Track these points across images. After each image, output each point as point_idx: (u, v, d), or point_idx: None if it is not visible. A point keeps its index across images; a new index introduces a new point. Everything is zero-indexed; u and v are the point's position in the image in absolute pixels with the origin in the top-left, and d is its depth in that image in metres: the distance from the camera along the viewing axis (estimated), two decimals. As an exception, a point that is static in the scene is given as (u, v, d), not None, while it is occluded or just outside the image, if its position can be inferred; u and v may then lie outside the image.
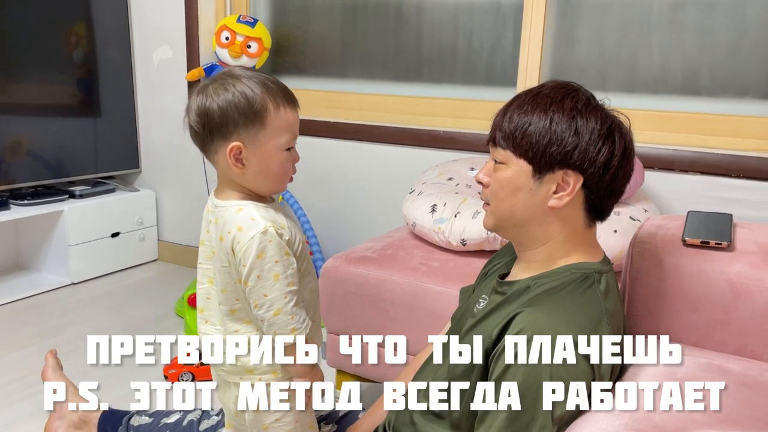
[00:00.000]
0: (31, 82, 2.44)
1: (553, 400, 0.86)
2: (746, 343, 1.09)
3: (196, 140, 1.03)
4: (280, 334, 1.02)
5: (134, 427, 1.41)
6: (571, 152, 0.92)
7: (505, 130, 0.96)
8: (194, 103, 1.00)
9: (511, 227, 1.01)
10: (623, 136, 0.95)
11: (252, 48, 2.47)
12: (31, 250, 2.66)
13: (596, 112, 0.94)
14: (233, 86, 0.98)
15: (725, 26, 1.86)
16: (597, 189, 0.95)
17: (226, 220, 1.02)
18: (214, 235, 1.05)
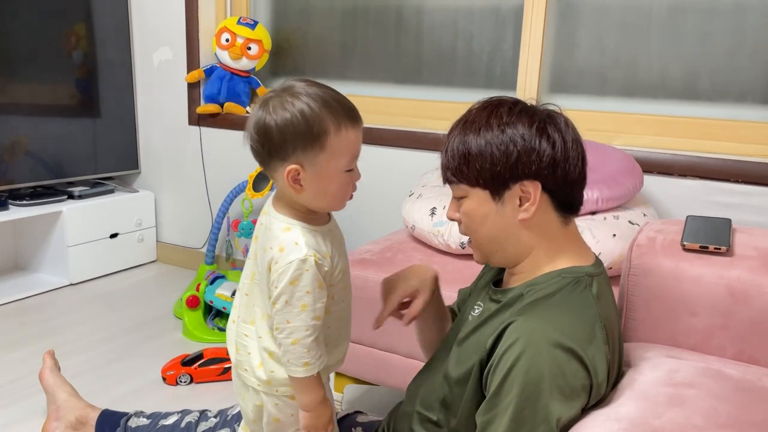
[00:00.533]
0: (30, 82, 2.44)
1: (552, 409, 0.86)
2: (745, 348, 1.10)
3: (256, 157, 1.00)
4: (292, 364, 1.01)
5: (132, 428, 1.41)
6: (515, 164, 0.92)
7: (451, 166, 0.98)
8: (253, 118, 0.97)
9: (494, 252, 1.01)
10: (556, 127, 0.94)
11: (252, 50, 2.48)
12: (29, 250, 2.66)
13: (521, 116, 0.94)
14: (292, 104, 0.93)
15: (724, 31, 1.86)
16: (557, 186, 0.95)
17: (272, 233, 1.00)
18: (261, 241, 1.03)
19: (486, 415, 0.90)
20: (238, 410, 1.35)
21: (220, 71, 2.53)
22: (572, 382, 0.87)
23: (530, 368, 0.86)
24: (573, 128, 0.97)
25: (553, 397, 0.86)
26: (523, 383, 0.86)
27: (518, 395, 0.86)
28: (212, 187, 2.71)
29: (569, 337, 0.88)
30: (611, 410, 0.89)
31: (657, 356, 1.05)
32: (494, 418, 0.88)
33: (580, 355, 0.88)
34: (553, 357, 0.86)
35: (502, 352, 0.89)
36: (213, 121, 2.63)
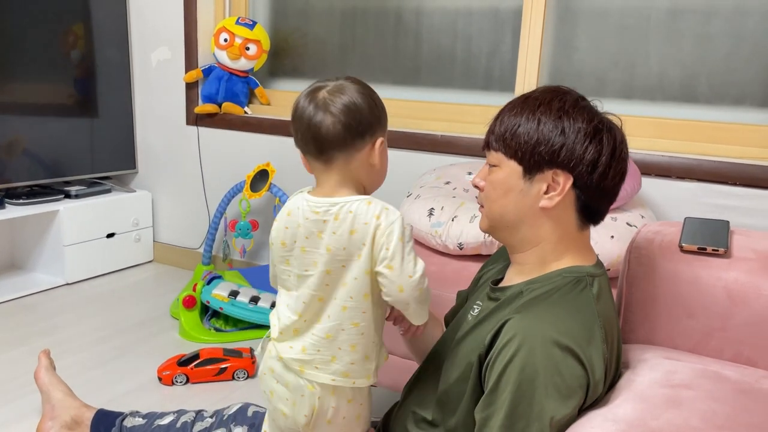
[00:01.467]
0: (28, 81, 2.43)
1: (547, 406, 0.86)
2: (742, 350, 1.09)
3: (343, 139, 1.02)
4: (423, 310, 1.07)
5: (127, 428, 1.40)
6: (558, 151, 0.93)
7: (496, 132, 0.99)
8: (339, 102, 1.01)
9: (504, 229, 1.01)
10: (612, 136, 0.95)
11: (251, 50, 2.48)
12: (25, 249, 2.65)
13: (583, 111, 0.95)
14: (361, 88, 1.04)
15: (723, 34, 1.87)
16: (587, 189, 0.95)
17: (357, 213, 1.02)
18: (338, 233, 1.01)
19: (484, 411, 0.90)
20: (234, 410, 1.35)
21: (218, 71, 2.53)
22: (568, 380, 0.87)
23: (526, 365, 0.86)
24: (625, 145, 0.98)
25: (548, 395, 0.86)
26: (519, 380, 0.86)
27: (514, 391, 0.86)
28: (209, 187, 2.70)
29: (566, 335, 0.88)
30: (609, 411, 0.89)
31: (655, 357, 1.05)
32: (492, 414, 0.89)
33: (577, 352, 0.88)
34: (550, 354, 0.87)
35: (499, 348, 0.89)
36: (211, 121, 2.62)
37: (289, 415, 1.08)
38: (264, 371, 1.11)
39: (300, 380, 1.06)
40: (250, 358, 1.87)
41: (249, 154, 2.57)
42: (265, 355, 1.12)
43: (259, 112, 2.58)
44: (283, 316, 1.08)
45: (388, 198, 2.28)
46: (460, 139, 2.15)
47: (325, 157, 1.04)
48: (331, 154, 1.03)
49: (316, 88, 1.03)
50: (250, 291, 2.21)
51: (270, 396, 1.10)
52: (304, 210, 1.05)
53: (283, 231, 1.07)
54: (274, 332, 1.09)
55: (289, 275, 1.07)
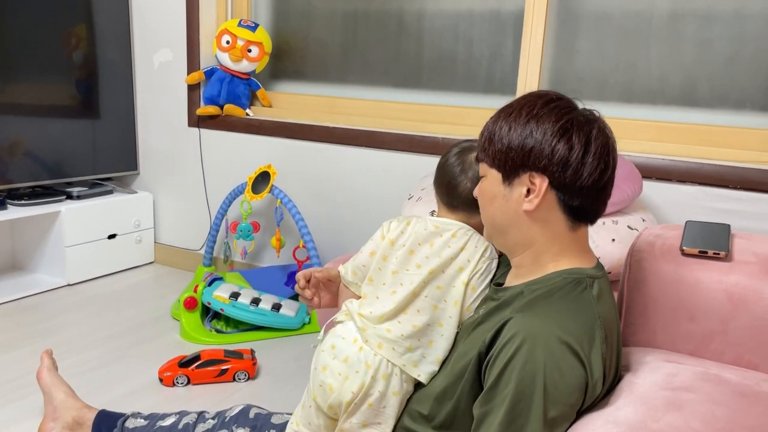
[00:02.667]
0: (30, 82, 2.44)
1: (546, 404, 0.87)
2: (743, 353, 1.10)
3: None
4: None
5: (129, 429, 1.40)
6: (528, 154, 0.95)
7: (480, 143, 1.03)
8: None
9: (497, 235, 1.05)
10: (585, 132, 0.95)
11: (252, 52, 2.48)
12: (27, 250, 2.65)
13: (552, 112, 0.96)
14: None
15: (724, 38, 1.87)
16: (564, 188, 0.96)
17: (485, 242, 1.16)
18: (463, 250, 1.14)
19: (483, 407, 0.91)
20: (236, 412, 1.35)
21: (220, 73, 2.54)
22: (568, 378, 0.88)
23: (527, 363, 0.87)
24: (606, 140, 0.97)
25: (548, 393, 0.87)
26: (519, 377, 0.87)
27: (514, 389, 0.87)
28: (211, 188, 2.71)
29: (567, 334, 0.89)
30: (610, 413, 0.90)
31: (655, 360, 1.06)
32: (491, 411, 0.90)
33: (578, 351, 0.88)
34: (550, 352, 0.87)
35: (501, 346, 0.90)
36: (213, 122, 2.63)
37: (336, 390, 1.12)
38: (323, 349, 1.16)
39: (360, 355, 1.12)
40: (250, 359, 1.87)
41: (250, 156, 2.58)
42: (328, 336, 1.18)
43: (260, 114, 2.59)
44: (376, 306, 1.16)
45: (389, 200, 2.30)
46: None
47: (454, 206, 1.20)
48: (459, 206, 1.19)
49: (466, 149, 1.19)
50: (251, 293, 2.21)
51: (322, 371, 1.14)
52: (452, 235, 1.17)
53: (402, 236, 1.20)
54: (359, 310, 1.16)
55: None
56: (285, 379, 1.88)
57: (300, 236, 2.26)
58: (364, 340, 1.12)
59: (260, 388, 1.82)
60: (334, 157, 2.41)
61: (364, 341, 1.12)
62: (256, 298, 2.18)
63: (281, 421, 1.32)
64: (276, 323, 2.16)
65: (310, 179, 2.48)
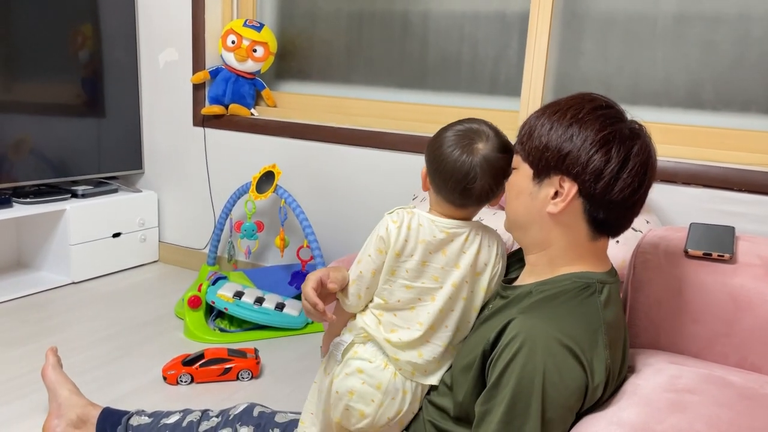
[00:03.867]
0: (35, 81, 2.45)
1: (545, 406, 0.87)
2: (747, 355, 1.10)
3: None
4: None
5: (133, 426, 1.41)
6: (564, 157, 0.94)
7: (519, 135, 1.02)
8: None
9: (517, 229, 1.04)
10: (626, 147, 0.93)
11: (258, 52, 2.49)
12: (32, 248, 2.66)
13: (597, 120, 0.94)
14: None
15: (729, 40, 1.87)
16: (592, 198, 0.94)
17: (492, 233, 1.14)
18: (478, 253, 1.11)
19: (484, 405, 0.92)
20: (240, 410, 1.36)
21: (225, 73, 2.54)
22: (568, 381, 0.88)
23: (527, 364, 0.88)
24: (646, 158, 0.95)
25: (547, 394, 0.87)
26: (519, 378, 0.88)
27: (513, 389, 0.88)
28: (215, 188, 2.71)
29: (569, 337, 0.89)
30: (613, 414, 0.90)
31: (659, 362, 1.06)
32: (491, 409, 0.91)
33: (579, 355, 0.89)
34: (551, 354, 0.88)
35: (503, 346, 0.91)
36: (217, 122, 2.63)
37: (370, 415, 1.10)
38: (346, 372, 1.12)
39: (396, 382, 1.09)
40: (254, 358, 1.87)
41: (255, 156, 2.58)
42: (348, 357, 1.13)
43: (265, 113, 2.59)
44: (399, 327, 1.11)
45: (393, 200, 2.30)
46: (497, 130, 2.15)
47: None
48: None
49: (468, 137, 1.12)
50: (255, 292, 2.21)
51: (348, 396, 1.11)
52: (465, 239, 1.13)
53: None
54: (384, 335, 1.11)
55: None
56: (288, 378, 1.89)
57: (304, 236, 2.26)
58: (397, 368, 1.10)
59: (263, 387, 1.83)
60: (338, 157, 2.42)
61: (398, 369, 1.10)
62: (259, 297, 2.18)
63: (285, 419, 1.32)
64: (279, 323, 2.17)
65: (314, 179, 2.48)
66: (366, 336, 1.12)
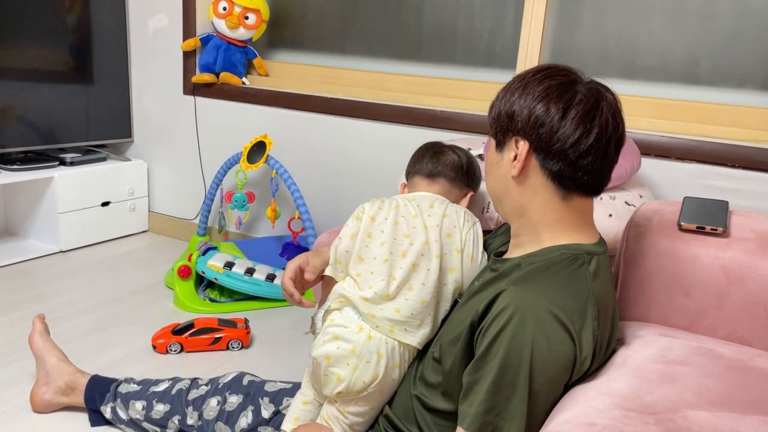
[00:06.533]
0: (22, 46, 2.39)
1: (533, 377, 0.88)
2: (737, 329, 1.10)
3: None
4: None
5: (122, 394, 1.41)
6: (512, 118, 0.98)
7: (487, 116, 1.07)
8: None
9: (496, 204, 1.07)
10: (566, 96, 0.95)
11: (250, 19, 2.44)
12: (19, 216, 2.63)
13: (541, 80, 0.97)
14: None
15: (727, 15, 1.85)
16: (543, 151, 0.96)
17: (458, 211, 1.22)
18: (444, 217, 1.19)
19: (472, 375, 0.92)
20: (230, 379, 1.35)
21: (216, 40, 2.50)
22: (557, 353, 0.88)
23: (516, 335, 0.87)
24: (592, 106, 0.95)
25: (535, 366, 0.87)
26: (508, 349, 0.88)
27: (501, 360, 0.88)
28: (206, 158, 2.68)
29: (559, 308, 0.89)
30: (603, 385, 0.90)
31: (650, 334, 1.06)
32: (479, 380, 0.91)
33: (568, 326, 0.89)
34: (541, 325, 0.88)
35: (492, 317, 0.91)
36: (208, 91, 2.59)
37: (345, 379, 1.10)
38: (323, 339, 1.13)
39: (370, 345, 1.10)
40: (244, 328, 1.87)
41: (246, 126, 2.55)
42: (326, 325, 1.15)
43: (257, 83, 2.55)
44: (375, 282, 1.12)
45: (386, 173, 2.29)
46: (460, 116, 2.14)
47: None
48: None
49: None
50: (246, 263, 2.20)
51: (325, 361, 1.11)
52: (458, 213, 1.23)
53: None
54: (360, 294, 1.12)
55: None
56: (278, 348, 1.89)
57: (295, 207, 2.24)
58: (373, 326, 1.10)
59: (253, 357, 1.83)
60: (331, 128, 2.39)
61: (374, 327, 1.10)
62: (250, 268, 2.17)
63: (274, 389, 1.32)
64: (270, 293, 2.16)
65: (306, 150, 2.46)
66: (342, 301, 1.14)
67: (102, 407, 1.42)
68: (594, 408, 0.84)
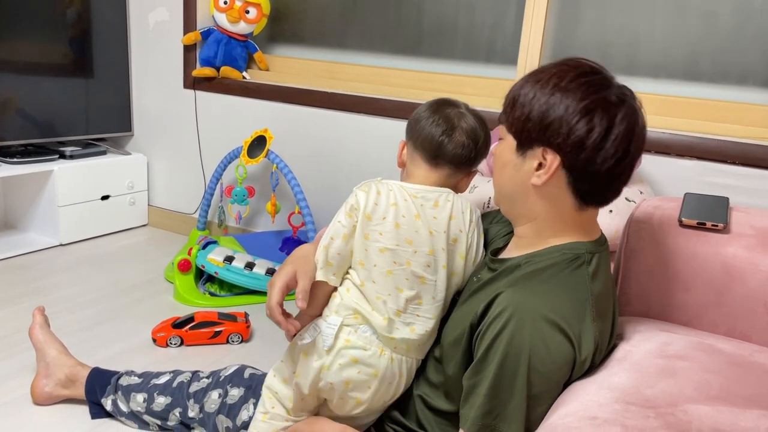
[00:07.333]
0: (22, 39, 2.39)
1: (531, 380, 0.87)
2: (737, 325, 1.10)
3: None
4: None
5: (123, 386, 1.41)
6: (546, 129, 0.91)
7: (504, 104, 0.99)
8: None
9: (504, 201, 1.03)
10: (608, 115, 0.90)
11: (250, 14, 2.44)
12: (19, 209, 2.63)
13: (580, 88, 0.90)
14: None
15: (729, 12, 1.85)
16: (575, 170, 0.92)
17: (464, 205, 1.13)
18: (451, 219, 1.10)
19: (472, 379, 0.92)
20: (231, 372, 1.36)
21: (217, 34, 2.49)
22: (555, 356, 0.88)
23: (513, 338, 0.87)
24: (632, 126, 0.91)
25: (533, 369, 0.87)
26: (505, 352, 0.87)
27: (499, 363, 0.88)
28: (206, 152, 2.68)
29: (557, 312, 0.89)
30: (604, 379, 0.90)
31: (650, 330, 1.06)
32: (478, 383, 0.91)
33: (566, 330, 0.88)
34: (538, 329, 0.87)
35: (490, 320, 0.90)
36: (209, 85, 2.59)
37: (366, 402, 1.07)
38: (339, 362, 1.06)
39: (393, 367, 1.06)
40: (244, 322, 1.87)
41: (247, 120, 2.55)
42: (339, 346, 1.06)
43: (257, 77, 2.55)
44: (382, 294, 1.06)
45: (386, 167, 2.29)
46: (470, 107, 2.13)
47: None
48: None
49: (441, 104, 1.20)
50: (246, 257, 2.20)
51: (344, 386, 1.07)
52: (462, 211, 1.14)
53: None
54: (377, 315, 1.06)
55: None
56: (278, 342, 1.89)
57: (295, 202, 2.24)
58: (392, 348, 1.06)
59: (253, 351, 1.83)
60: (331, 123, 2.39)
61: (393, 349, 1.06)
62: (250, 262, 2.18)
63: (275, 382, 1.32)
64: (270, 288, 2.16)
65: (306, 145, 2.46)
66: (357, 316, 1.07)
67: (103, 400, 1.42)
68: (595, 402, 0.84)
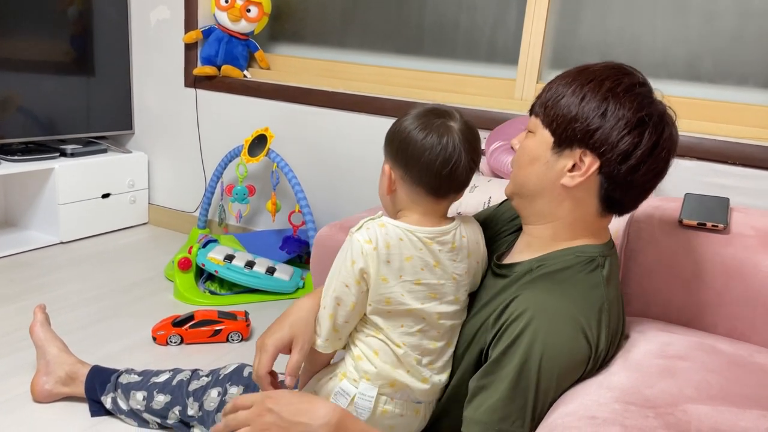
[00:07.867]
0: (23, 37, 2.39)
1: (551, 382, 0.86)
2: (736, 325, 1.11)
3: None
4: None
5: (123, 384, 1.41)
6: (593, 132, 0.89)
7: (542, 98, 0.96)
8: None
9: (524, 197, 0.99)
10: (657, 132, 0.90)
11: (251, 12, 2.44)
12: (19, 207, 2.63)
13: (634, 99, 0.89)
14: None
15: (729, 13, 1.85)
16: (613, 178, 0.91)
17: (474, 231, 1.06)
18: (469, 257, 1.02)
19: (481, 380, 0.90)
20: (230, 370, 1.36)
21: (218, 33, 2.49)
22: (575, 357, 0.87)
23: (535, 340, 0.85)
24: (669, 144, 0.92)
25: (553, 372, 0.86)
26: (526, 354, 0.86)
27: (519, 365, 0.86)
28: (207, 150, 2.68)
29: (578, 312, 0.88)
30: (604, 379, 0.90)
31: (650, 330, 1.06)
32: (490, 384, 0.89)
33: (585, 329, 0.88)
34: (560, 331, 0.86)
35: (508, 323, 0.89)
36: (210, 83, 2.59)
37: None
38: (388, 421, 1.01)
39: (426, 416, 1.05)
40: (244, 321, 1.87)
41: (247, 119, 2.55)
42: (374, 417, 0.99)
43: (258, 76, 2.55)
44: (416, 354, 1.00)
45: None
46: (461, 111, 2.13)
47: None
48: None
49: (430, 115, 1.07)
50: (246, 256, 2.20)
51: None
52: (456, 241, 1.02)
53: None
54: (420, 385, 1.01)
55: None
56: (278, 341, 1.89)
57: (296, 201, 2.25)
58: (426, 398, 1.03)
59: (253, 350, 1.83)
60: (332, 122, 2.39)
61: (426, 397, 1.03)
62: (250, 261, 2.18)
63: (275, 380, 1.32)
64: (270, 286, 2.16)
65: (307, 143, 2.46)
66: (393, 384, 0.99)
67: (102, 397, 1.42)
68: (594, 401, 0.84)
